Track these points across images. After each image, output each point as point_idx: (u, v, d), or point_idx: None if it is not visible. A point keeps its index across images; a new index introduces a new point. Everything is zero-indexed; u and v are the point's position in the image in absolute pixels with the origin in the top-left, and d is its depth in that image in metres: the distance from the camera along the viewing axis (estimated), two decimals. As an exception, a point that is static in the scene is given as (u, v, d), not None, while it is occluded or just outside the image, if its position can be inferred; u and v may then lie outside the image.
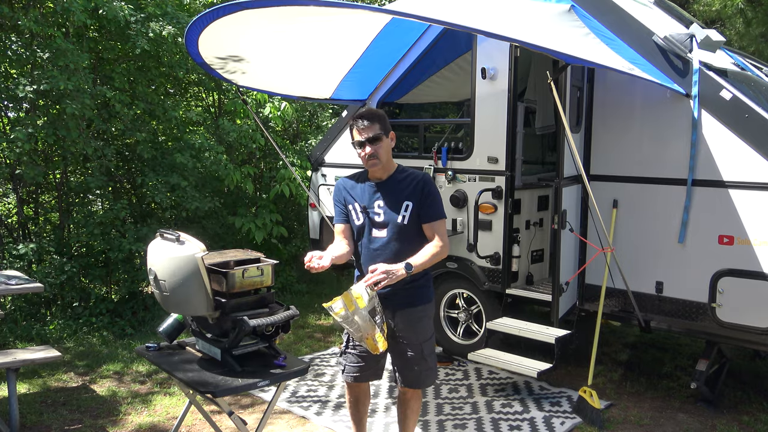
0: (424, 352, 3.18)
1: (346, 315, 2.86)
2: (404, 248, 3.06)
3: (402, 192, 3.09)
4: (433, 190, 3.09)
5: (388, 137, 3.12)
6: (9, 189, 6.95)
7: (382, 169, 3.14)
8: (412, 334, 3.17)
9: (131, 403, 4.63)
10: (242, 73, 5.14)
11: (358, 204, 3.16)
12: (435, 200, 3.08)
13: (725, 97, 4.14)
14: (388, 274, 2.88)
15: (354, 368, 3.29)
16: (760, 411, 4.49)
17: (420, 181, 3.10)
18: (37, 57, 5.86)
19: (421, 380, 3.25)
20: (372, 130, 3.05)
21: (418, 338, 3.18)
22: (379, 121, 3.08)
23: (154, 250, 3.09)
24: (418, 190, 3.07)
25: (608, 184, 4.69)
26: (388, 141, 3.12)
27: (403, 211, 3.07)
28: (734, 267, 4.13)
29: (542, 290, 5.12)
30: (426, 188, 3.08)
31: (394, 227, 3.08)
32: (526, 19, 4.17)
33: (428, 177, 3.16)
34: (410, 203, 3.07)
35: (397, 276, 2.89)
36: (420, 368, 3.20)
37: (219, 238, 7.54)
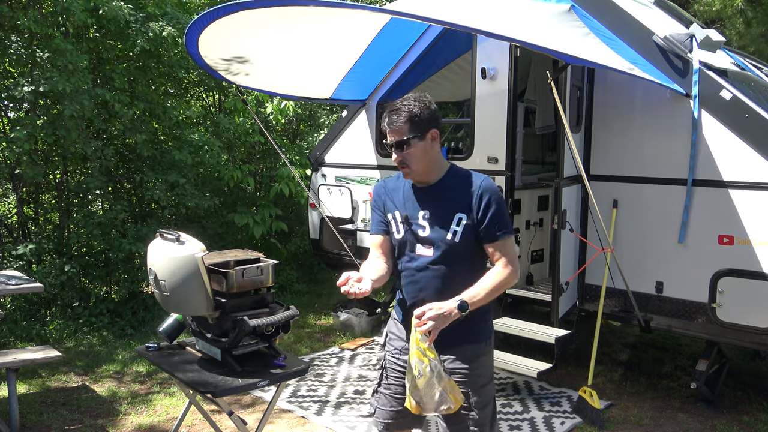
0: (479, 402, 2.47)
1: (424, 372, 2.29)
2: (455, 272, 2.44)
3: (454, 201, 2.44)
4: (495, 200, 2.41)
5: (425, 138, 2.44)
6: (9, 189, 6.95)
7: (423, 175, 2.51)
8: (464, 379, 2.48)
9: (131, 403, 4.63)
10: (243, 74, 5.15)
11: (399, 213, 2.53)
12: (498, 213, 2.41)
13: (725, 97, 4.14)
14: (439, 318, 2.24)
15: (388, 413, 2.60)
16: (760, 411, 4.49)
17: (478, 188, 2.42)
18: (36, 57, 5.86)
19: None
20: (399, 133, 2.43)
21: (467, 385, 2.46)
22: (410, 121, 2.41)
23: (154, 250, 3.09)
24: (476, 201, 2.41)
25: (608, 184, 4.69)
26: (424, 144, 2.44)
27: (454, 226, 2.42)
28: (734, 267, 4.13)
29: (542, 290, 5.12)
30: (486, 197, 2.40)
31: (443, 245, 2.43)
32: (526, 19, 4.17)
33: (490, 183, 2.45)
34: (464, 216, 2.41)
35: (449, 319, 2.27)
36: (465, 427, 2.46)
37: (219, 238, 7.55)
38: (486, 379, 2.53)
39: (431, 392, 2.30)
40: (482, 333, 2.55)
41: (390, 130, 2.46)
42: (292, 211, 8.65)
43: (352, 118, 6.22)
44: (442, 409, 2.35)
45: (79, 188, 6.56)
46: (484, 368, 2.53)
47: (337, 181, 6.39)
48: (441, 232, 2.44)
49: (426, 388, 2.31)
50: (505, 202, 2.52)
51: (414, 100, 2.46)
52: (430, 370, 2.28)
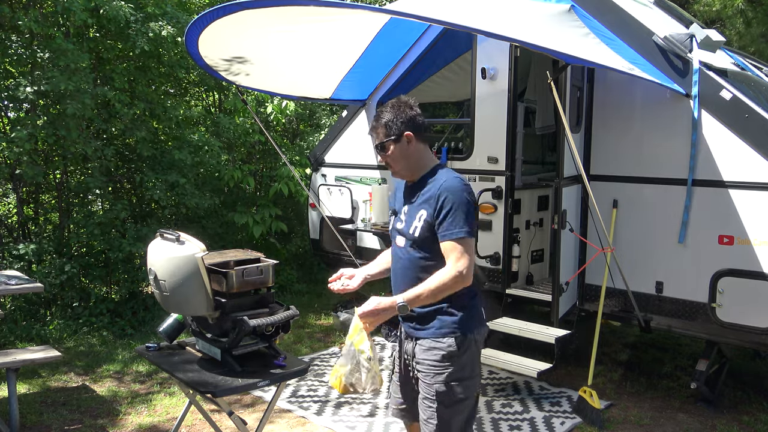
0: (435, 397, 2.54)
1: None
2: (416, 265, 2.57)
3: (422, 198, 2.56)
4: (452, 201, 2.46)
5: (400, 140, 2.58)
6: (9, 189, 6.95)
7: (406, 173, 2.66)
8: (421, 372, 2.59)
9: (131, 403, 4.63)
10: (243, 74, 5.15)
11: (397, 206, 2.75)
12: (452, 214, 2.45)
13: (725, 97, 4.14)
14: (376, 313, 2.45)
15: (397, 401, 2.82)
16: (760, 411, 4.49)
17: (439, 187, 2.50)
18: (37, 57, 5.86)
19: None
20: (378, 137, 2.63)
21: (426, 378, 2.56)
22: (384, 125, 2.59)
23: (154, 250, 3.09)
24: (435, 199, 2.49)
25: (608, 184, 4.69)
26: (400, 145, 2.59)
27: (416, 222, 2.55)
28: (734, 267, 4.13)
29: (542, 290, 5.12)
30: (443, 197, 2.47)
31: (409, 239, 2.59)
32: (526, 19, 4.17)
33: (452, 184, 2.50)
34: (424, 213, 2.52)
35: (388, 314, 2.46)
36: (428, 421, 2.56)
37: (219, 238, 7.55)
38: (453, 377, 2.52)
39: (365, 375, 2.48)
40: (445, 332, 2.54)
41: (372, 134, 2.67)
42: (292, 211, 8.66)
43: (352, 118, 6.22)
44: (370, 389, 2.51)
45: (79, 188, 6.56)
46: (448, 368, 2.52)
47: (337, 181, 6.40)
48: (408, 226, 2.59)
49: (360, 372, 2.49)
50: (468, 205, 2.48)
51: (390, 106, 2.63)
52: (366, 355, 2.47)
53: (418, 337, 2.59)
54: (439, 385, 2.52)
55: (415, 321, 2.59)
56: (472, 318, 2.57)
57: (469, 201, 2.50)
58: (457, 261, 2.45)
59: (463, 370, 2.53)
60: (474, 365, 2.58)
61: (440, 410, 2.53)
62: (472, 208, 2.51)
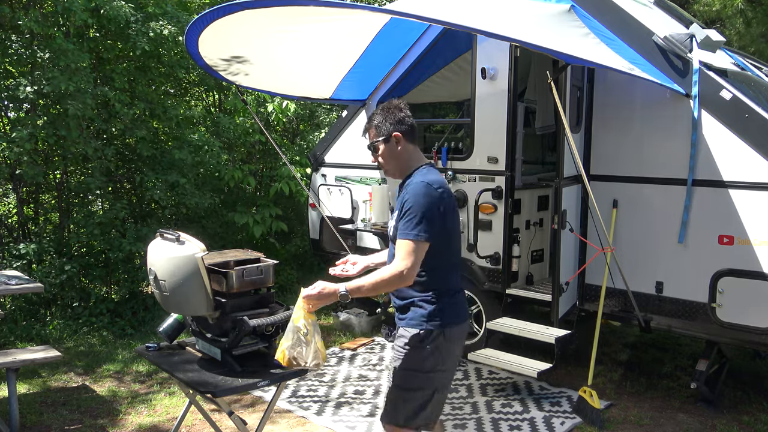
0: (395, 380, 2.71)
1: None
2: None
3: (400, 198, 2.70)
4: (412, 202, 2.56)
5: (390, 141, 2.73)
6: (9, 189, 6.95)
7: (395, 173, 2.80)
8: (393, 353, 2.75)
9: (131, 403, 4.63)
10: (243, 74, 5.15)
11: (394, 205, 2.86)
12: (409, 214, 2.55)
13: (725, 97, 4.14)
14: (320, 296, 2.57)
15: None
16: (760, 411, 4.49)
17: (408, 190, 2.63)
18: (37, 57, 5.86)
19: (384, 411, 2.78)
20: (370, 138, 2.79)
21: (393, 362, 2.73)
22: (375, 126, 2.75)
23: (154, 250, 3.09)
24: (402, 199, 2.64)
25: (608, 184, 4.69)
26: (389, 146, 2.73)
27: (393, 221, 2.72)
28: (734, 267, 4.13)
29: (542, 290, 5.12)
30: (406, 198, 2.59)
31: (391, 238, 2.76)
32: (526, 19, 4.17)
33: (417, 187, 2.60)
34: (397, 213, 2.67)
35: (330, 299, 2.58)
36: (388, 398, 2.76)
37: (219, 238, 7.55)
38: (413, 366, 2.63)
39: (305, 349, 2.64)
40: (413, 324, 2.65)
41: (365, 135, 2.83)
42: (292, 211, 8.66)
43: (352, 118, 6.22)
44: (313, 364, 2.65)
45: (80, 188, 6.56)
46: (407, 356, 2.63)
47: (337, 181, 6.40)
48: (390, 226, 2.77)
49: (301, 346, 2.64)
50: (426, 208, 2.54)
51: (381, 108, 2.78)
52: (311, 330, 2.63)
53: (400, 326, 2.72)
54: (397, 369, 2.67)
55: (398, 311, 2.73)
56: (442, 314, 2.64)
57: (428, 204, 2.55)
58: (401, 260, 2.53)
59: (423, 361, 2.62)
60: (438, 361, 2.64)
61: (392, 391, 2.71)
62: (432, 211, 2.55)
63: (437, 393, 2.70)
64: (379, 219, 5.74)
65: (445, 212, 2.61)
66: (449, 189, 2.70)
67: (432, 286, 2.64)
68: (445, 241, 2.65)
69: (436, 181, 2.63)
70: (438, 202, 2.58)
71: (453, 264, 2.74)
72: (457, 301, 2.72)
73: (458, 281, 2.77)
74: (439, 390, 2.70)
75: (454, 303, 2.70)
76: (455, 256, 2.77)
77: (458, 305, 2.73)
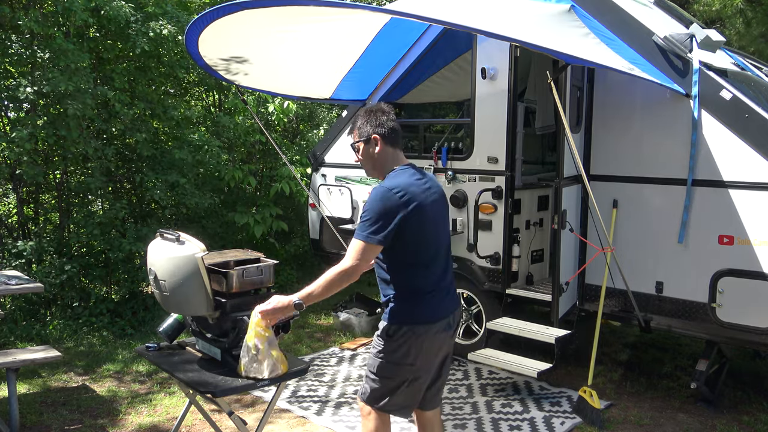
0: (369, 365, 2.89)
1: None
2: (377, 265, 2.84)
3: None
4: (368, 204, 2.67)
5: (369, 143, 2.82)
6: (9, 189, 6.95)
7: (373, 173, 2.92)
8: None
9: (131, 403, 4.63)
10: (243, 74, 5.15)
11: None
12: (364, 216, 2.67)
13: (725, 97, 4.14)
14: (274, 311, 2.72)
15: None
16: (760, 411, 4.49)
17: (371, 191, 2.74)
18: (37, 57, 5.86)
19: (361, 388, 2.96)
20: (353, 138, 2.91)
21: (371, 348, 2.91)
22: (358, 128, 2.87)
23: (154, 250, 3.09)
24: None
25: (608, 184, 4.69)
26: (368, 147, 2.83)
27: None
28: (734, 267, 4.13)
29: (542, 290, 5.12)
30: (367, 200, 2.72)
31: None
32: (526, 19, 4.17)
33: (377, 189, 2.69)
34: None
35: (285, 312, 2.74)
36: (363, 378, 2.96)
37: (219, 238, 7.55)
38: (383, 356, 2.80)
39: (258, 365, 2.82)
40: (386, 317, 2.82)
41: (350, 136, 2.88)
42: (292, 211, 8.66)
43: (352, 118, 6.22)
44: (274, 374, 2.84)
45: (80, 188, 6.56)
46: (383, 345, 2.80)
47: (337, 181, 6.40)
48: None
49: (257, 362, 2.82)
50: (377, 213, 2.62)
51: (366, 111, 2.87)
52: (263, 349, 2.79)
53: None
54: (370, 355, 2.87)
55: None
56: (412, 312, 2.76)
57: (383, 208, 2.62)
58: (348, 258, 2.64)
59: (393, 353, 2.77)
60: (407, 355, 2.75)
61: (366, 373, 2.90)
62: (387, 215, 2.62)
63: (406, 385, 2.80)
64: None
65: (406, 216, 2.64)
66: (417, 192, 2.70)
67: (401, 285, 2.75)
68: (411, 244, 2.70)
69: (398, 186, 2.67)
70: (395, 207, 2.62)
71: (424, 265, 2.76)
72: (431, 301, 2.78)
73: (436, 281, 2.80)
74: (408, 382, 2.80)
75: (427, 302, 2.76)
76: (429, 257, 2.78)
77: (433, 305, 2.78)
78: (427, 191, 2.77)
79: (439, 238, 2.84)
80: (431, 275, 2.79)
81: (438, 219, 2.84)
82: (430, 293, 2.78)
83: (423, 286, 2.77)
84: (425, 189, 2.77)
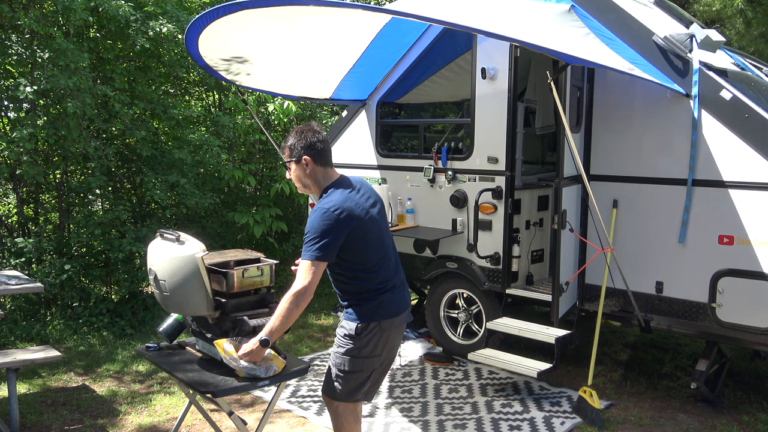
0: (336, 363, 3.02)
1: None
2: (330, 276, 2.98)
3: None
4: (309, 225, 2.79)
5: (300, 163, 2.93)
6: (9, 189, 6.95)
7: (308, 191, 3.04)
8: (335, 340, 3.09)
9: (131, 403, 4.63)
10: (243, 74, 5.15)
11: None
12: (307, 236, 2.79)
13: (725, 97, 4.14)
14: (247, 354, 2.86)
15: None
16: (760, 411, 4.49)
17: (311, 213, 2.85)
18: (37, 57, 5.87)
19: (325, 385, 3.09)
20: (284, 157, 3.02)
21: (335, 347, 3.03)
22: (289, 147, 2.96)
23: (154, 250, 3.09)
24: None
25: (608, 184, 4.69)
26: (300, 167, 2.94)
27: None
28: (734, 267, 4.13)
29: (542, 290, 5.12)
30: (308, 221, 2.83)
31: None
32: (526, 19, 4.17)
33: (316, 211, 2.81)
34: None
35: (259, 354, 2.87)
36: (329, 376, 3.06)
37: (219, 238, 7.55)
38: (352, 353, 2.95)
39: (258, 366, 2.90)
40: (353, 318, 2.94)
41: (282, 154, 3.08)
42: (291, 211, 8.66)
43: (352, 118, 6.22)
44: (270, 373, 2.92)
45: (80, 188, 6.56)
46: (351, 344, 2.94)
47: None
48: None
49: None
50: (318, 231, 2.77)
51: (296, 131, 2.97)
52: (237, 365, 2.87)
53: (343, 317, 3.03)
54: (337, 354, 2.98)
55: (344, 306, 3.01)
56: (375, 309, 2.93)
57: (324, 227, 2.76)
58: (299, 280, 2.77)
59: (362, 349, 2.94)
60: (374, 348, 2.95)
61: (332, 372, 3.00)
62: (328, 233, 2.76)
63: (375, 373, 3.02)
64: (379, 219, 5.74)
65: (347, 231, 2.80)
66: (353, 206, 2.84)
67: (360, 290, 2.92)
68: (359, 253, 2.87)
69: (335, 205, 2.80)
70: (335, 225, 2.77)
71: (375, 269, 2.93)
72: (391, 298, 2.98)
73: (390, 279, 2.99)
74: (376, 370, 3.03)
75: (388, 300, 2.96)
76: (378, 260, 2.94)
77: (393, 300, 2.98)
78: (362, 201, 2.92)
79: (384, 241, 3.00)
80: (384, 275, 2.97)
81: (379, 223, 3.00)
82: (389, 291, 2.97)
83: (380, 286, 2.94)
84: (360, 199, 2.92)
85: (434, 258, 5.53)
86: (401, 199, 5.73)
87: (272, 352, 2.97)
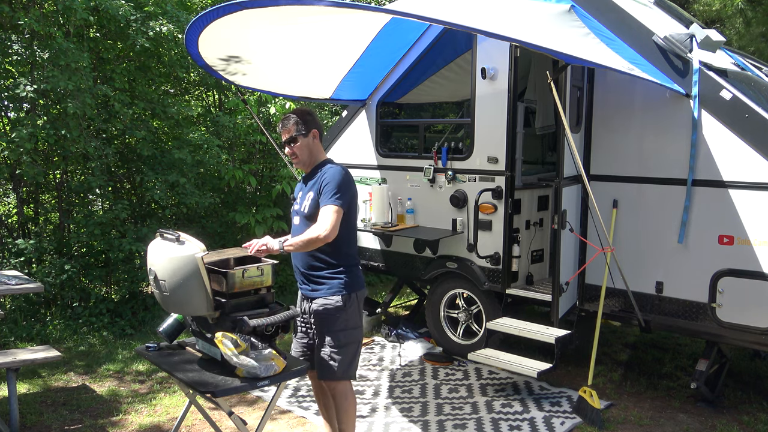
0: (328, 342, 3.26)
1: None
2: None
3: (312, 184, 3.28)
4: (330, 179, 3.18)
5: (308, 136, 3.33)
6: (9, 189, 6.95)
7: (305, 165, 3.38)
8: (317, 324, 3.31)
9: (131, 403, 4.63)
10: (243, 74, 5.14)
11: (296, 194, 3.49)
12: (329, 188, 3.16)
13: (725, 97, 4.14)
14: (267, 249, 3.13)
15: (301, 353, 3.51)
16: (760, 411, 4.49)
17: (324, 173, 3.24)
18: (37, 57, 5.86)
19: (323, 371, 3.28)
20: (289, 132, 3.32)
21: (321, 328, 3.27)
22: (295, 122, 3.31)
23: (154, 250, 3.09)
24: (320, 181, 3.22)
25: (608, 184, 4.69)
26: (307, 139, 3.33)
27: (307, 202, 3.28)
28: (734, 267, 4.13)
29: (542, 290, 5.12)
30: (324, 178, 3.21)
31: (301, 216, 3.32)
32: (526, 19, 4.17)
33: (333, 169, 3.25)
34: (312, 193, 3.25)
35: (269, 249, 3.12)
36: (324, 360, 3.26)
37: (219, 238, 7.55)
38: (341, 326, 3.25)
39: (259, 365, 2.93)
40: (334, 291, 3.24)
41: (283, 130, 3.34)
42: (291, 210, 8.65)
43: (352, 118, 6.22)
44: (271, 372, 2.96)
45: (80, 188, 6.56)
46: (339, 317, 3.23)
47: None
48: (301, 206, 3.33)
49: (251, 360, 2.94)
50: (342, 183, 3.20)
51: (299, 112, 3.37)
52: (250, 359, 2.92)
53: (313, 297, 3.29)
54: (330, 331, 3.24)
55: (311, 284, 3.30)
56: (353, 281, 3.29)
57: (345, 182, 3.19)
58: (321, 222, 3.12)
59: (349, 320, 3.26)
60: (357, 319, 3.30)
61: (327, 354, 3.25)
62: (347, 187, 3.20)
63: (359, 346, 3.36)
64: (379, 219, 5.74)
65: (354, 194, 3.28)
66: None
67: (347, 257, 3.28)
68: (352, 218, 3.29)
69: (348, 170, 3.31)
70: (352, 184, 3.26)
71: (354, 237, 3.39)
72: (359, 272, 3.38)
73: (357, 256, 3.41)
74: (359, 343, 3.37)
75: (359, 271, 3.38)
76: (356, 230, 3.40)
77: (360, 274, 3.39)
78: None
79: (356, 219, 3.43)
80: (355, 249, 3.39)
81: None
82: (358, 264, 3.39)
83: (355, 259, 3.36)
84: None
85: (434, 258, 5.53)
86: (401, 199, 5.73)
87: (273, 351, 2.97)
